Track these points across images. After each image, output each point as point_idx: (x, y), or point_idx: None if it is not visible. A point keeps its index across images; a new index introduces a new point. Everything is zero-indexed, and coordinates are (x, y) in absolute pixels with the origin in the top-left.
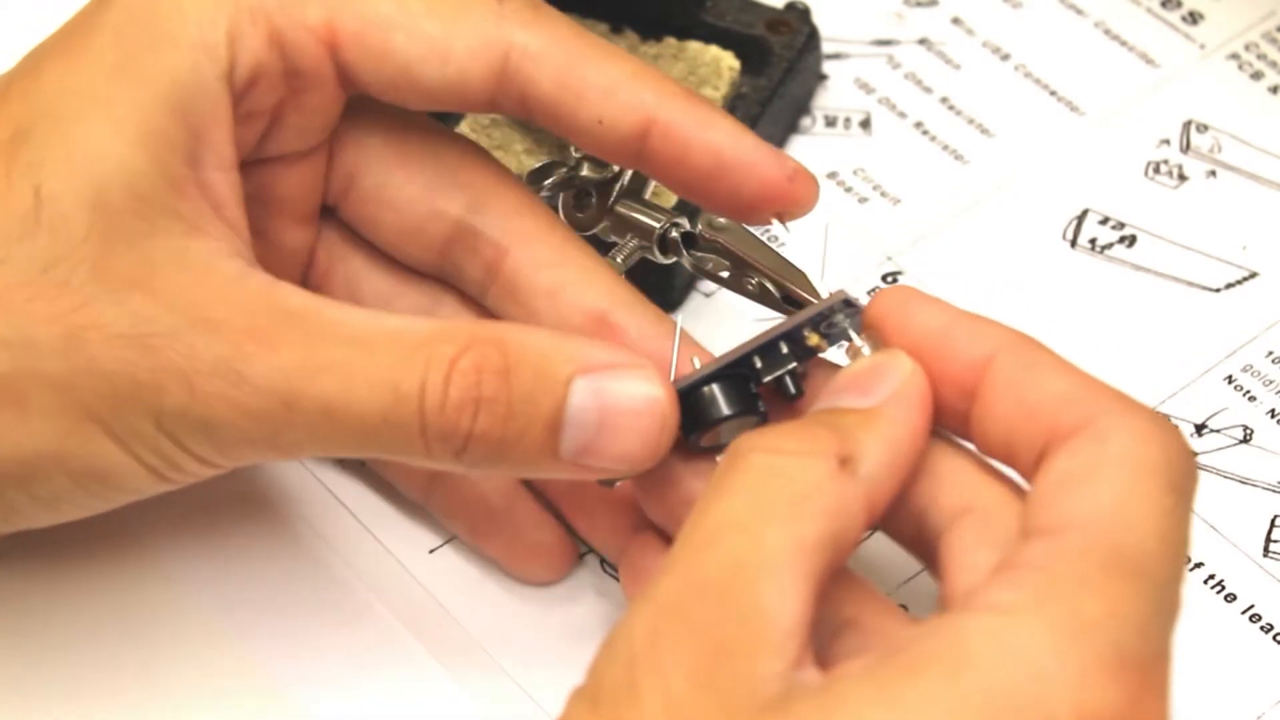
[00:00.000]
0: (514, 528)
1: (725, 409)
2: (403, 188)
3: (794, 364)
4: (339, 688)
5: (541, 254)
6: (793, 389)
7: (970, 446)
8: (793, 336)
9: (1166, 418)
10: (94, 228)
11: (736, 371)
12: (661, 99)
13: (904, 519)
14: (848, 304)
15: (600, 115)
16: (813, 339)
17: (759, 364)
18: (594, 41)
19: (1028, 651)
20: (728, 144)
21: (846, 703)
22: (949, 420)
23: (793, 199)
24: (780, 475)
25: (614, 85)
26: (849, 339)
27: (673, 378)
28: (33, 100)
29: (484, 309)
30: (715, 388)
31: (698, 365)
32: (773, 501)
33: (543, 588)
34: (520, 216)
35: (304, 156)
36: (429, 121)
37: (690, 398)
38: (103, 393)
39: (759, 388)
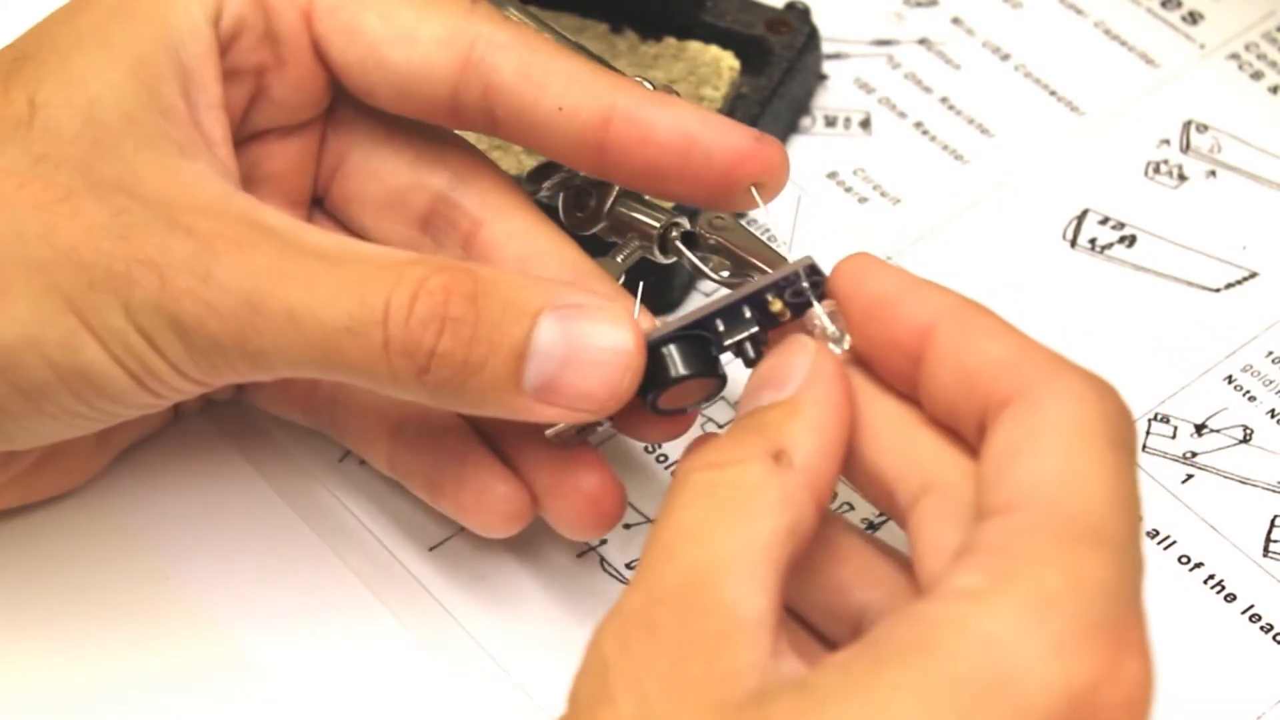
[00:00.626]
0: (468, 480)
1: (683, 369)
2: (388, 159)
3: (755, 329)
4: (338, 686)
5: (514, 226)
6: (752, 353)
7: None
8: (756, 302)
9: (1100, 377)
10: (84, 134)
11: (698, 333)
12: (620, 88)
13: (879, 499)
14: (813, 270)
15: (561, 102)
16: (776, 305)
17: (721, 327)
18: (556, 42)
19: (994, 633)
20: (692, 118)
21: (818, 696)
22: (903, 387)
23: (765, 160)
24: (720, 486)
25: (575, 74)
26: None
27: None
28: (36, 35)
29: None
30: (674, 348)
31: (659, 325)
32: (719, 510)
33: (542, 587)
34: (496, 193)
35: (295, 134)
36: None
37: (650, 357)
38: (79, 281)
39: (720, 351)
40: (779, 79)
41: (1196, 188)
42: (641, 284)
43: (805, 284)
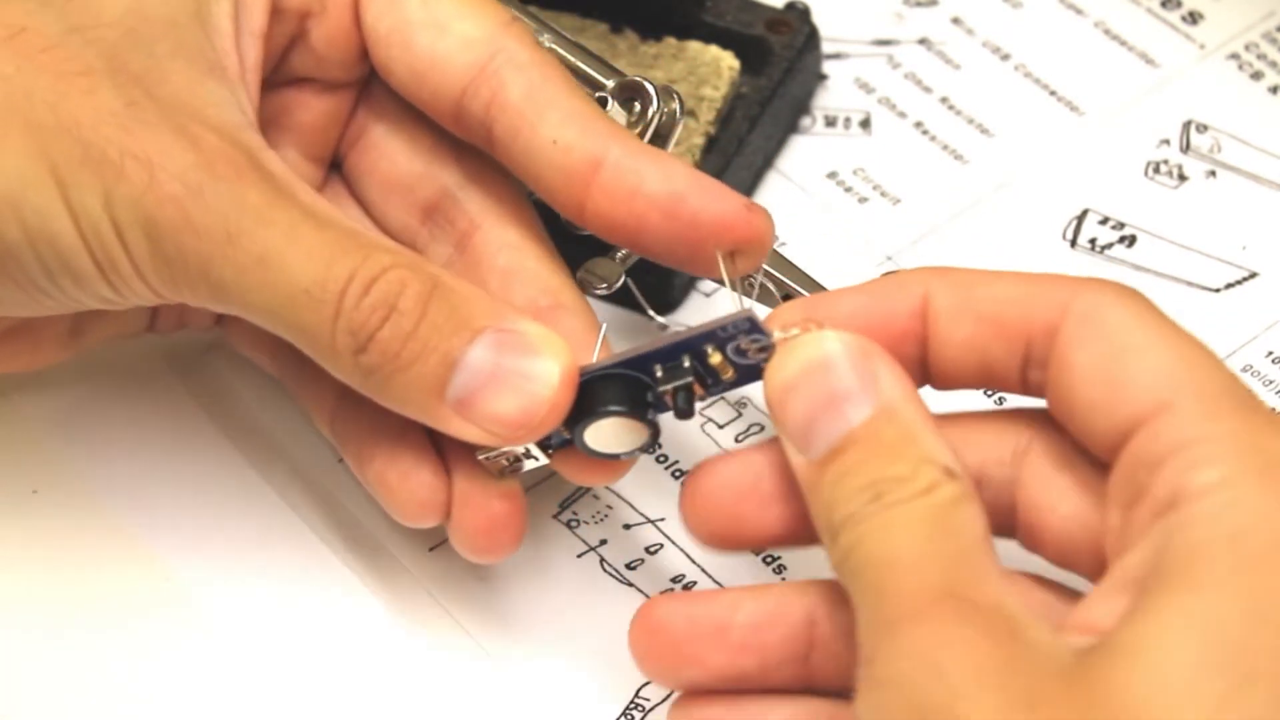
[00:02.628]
0: (399, 457)
1: (611, 403)
2: (406, 145)
3: (690, 379)
4: (338, 686)
5: (509, 238)
6: (683, 404)
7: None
8: (695, 351)
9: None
10: (123, 21)
11: (638, 376)
12: (617, 137)
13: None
14: (752, 324)
15: (556, 135)
16: (715, 358)
17: (659, 373)
18: (573, 81)
19: (1268, 509)
20: (684, 179)
21: (1149, 639)
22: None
23: (752, 230)
24: (932, 510)
25: (577, 112)
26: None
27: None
28: None
29: None
30: (606, 383)
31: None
32: (943, 533)
33: (542, 587)
34: (500, 201)
35: (329, 93)
36: None
37: (584, 391)
38: (72, 154)
39: (656, 396)
40: (779, 79)
41: (1196, 188)
42: (604, 326)
43: (752, 348)
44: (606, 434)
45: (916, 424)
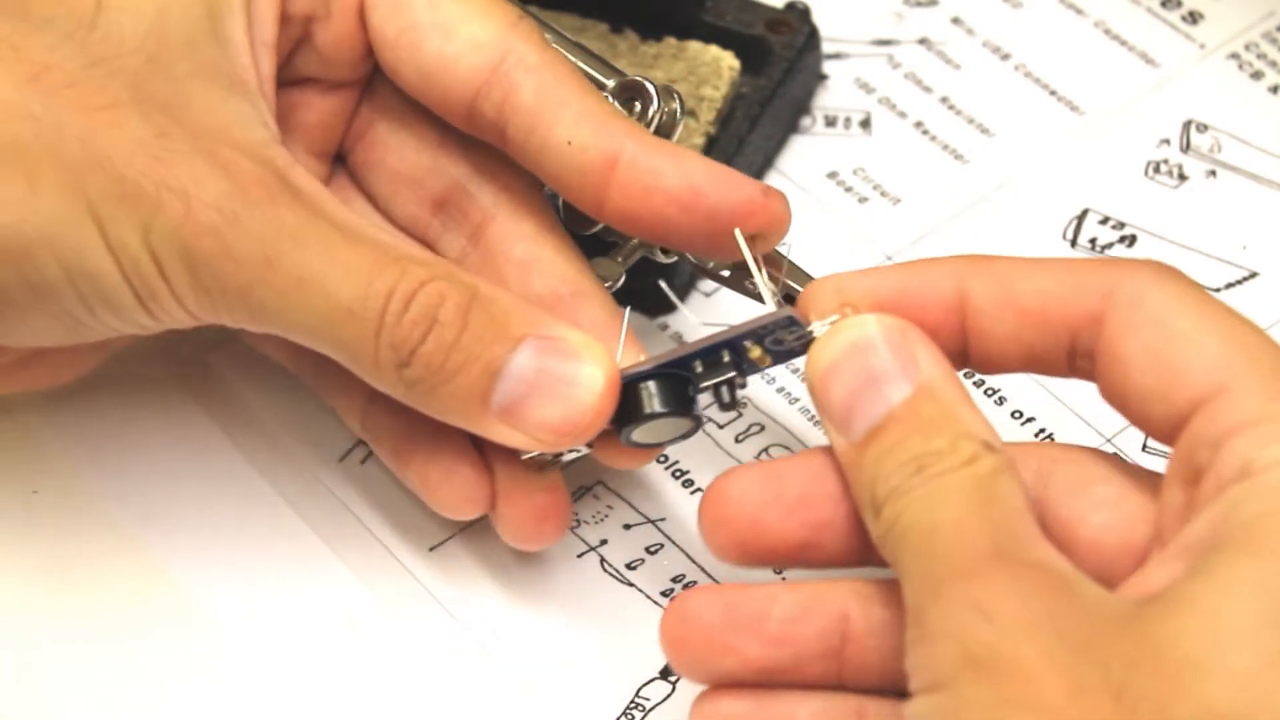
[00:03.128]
0: (438, 456)
1: (659, 406)
2: (412, 139)
3: (733, 374)
4: (338, 685)
5: (523, 229)
6: (727, 398)
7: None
8: (735, 346)
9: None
10: (143, 47)
11: (677, 372)
12: (632, 134)
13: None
14: (792, 321)
15: (571, 135)
16: (754, 352)
17: (700, 369)
18: (585, 80)
19: None
20: (701, 171)
21: (1209, 594)
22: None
23: (771, 215)
24: (979, 480)
25: (591, 111)
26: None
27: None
28: None
29: None
30: (653, 384)
31: (642, 361)
32: (986, 502)
33: (542, 587)
34: (512, 191)
35: (333, 91)
36: None
37: (627, 391)
38: (107, 190)
39: (697, 392)
40: (779, 79)
41: (1196, 188)
42: (627, 310)
43: (791, 338)
44: (653, 430)
45: (956, 401)
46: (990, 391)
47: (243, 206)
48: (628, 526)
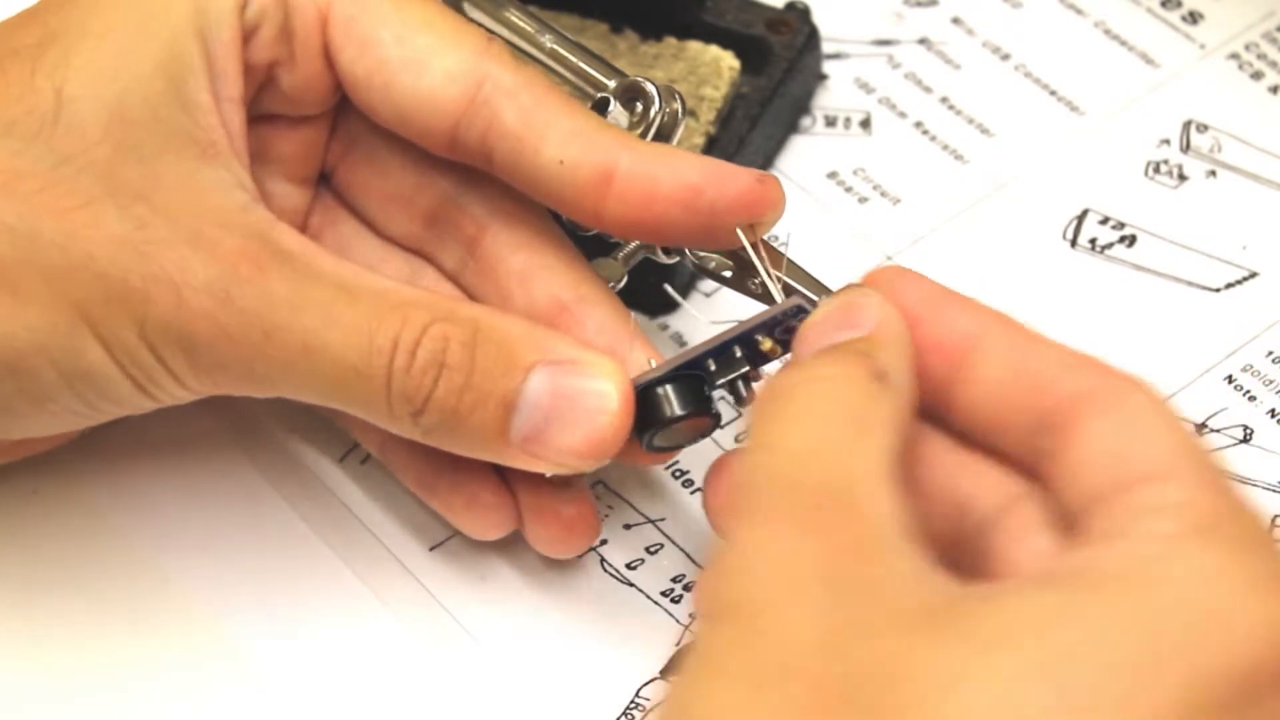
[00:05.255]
0: (461, 484)
1: (678, 409)
2: (396, 155)
3: (746, 368)
4: (337, 684)
5: (520, 236)
6: (744, 391)
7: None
8: (746, 341)
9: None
10: (109, 134)
11: (691, 373)
12: (622, 144)
13: (945, 517)
14: (801, 310)
15: (563, 155)
16: (766, 344)
17: (713, 367)
18: (564, 94)
19: (1214, 569)
20: (694, 170)
21: (1024, 615)
22: (929, 394)
23: (767, 199)
24: (837, 400)
25: (578, 129)
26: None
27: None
28: (66, 12)
29: (461, 287)
30: (669, 388)
31: (653, 365)
32: (842, 424)
33: (542, 587)
34: (504, 199)
35: (307, 121)
36: None
37: (644, 398)
38: (94, 292)
39: (712, 390)
40: (779, 79)
41: (1196, 188)
42: (634, 317)
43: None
44: (671, 432)
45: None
46: None
47: (234, 285)
48: (628, 526)
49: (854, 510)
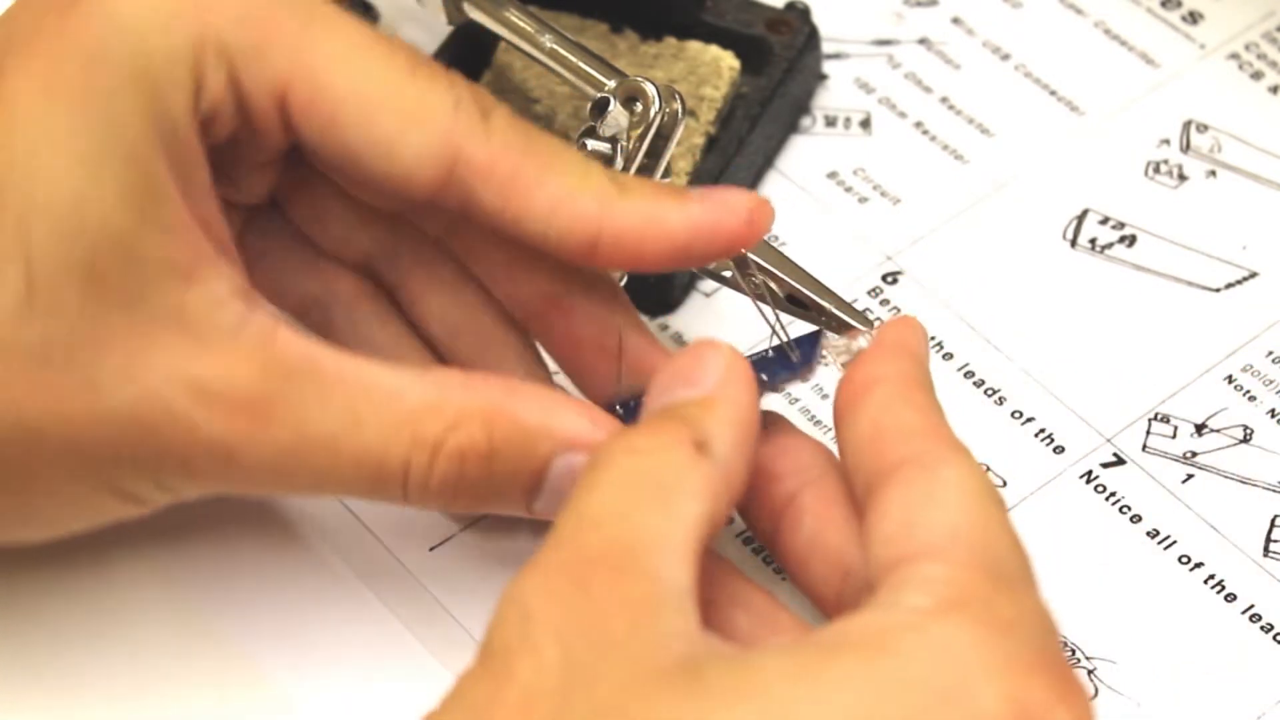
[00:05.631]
0: None
1: None
2: (334, 203)
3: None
4: (336, 684)
5: (439, 304)
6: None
7: None
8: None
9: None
10: (89, 298)
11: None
12: (606, 211)
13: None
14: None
15: (546, 230)
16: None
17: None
18: (540, 150)
19: (955, 644)
20: (680, 223)
21: (763, 673)
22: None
23: (755, 236)
24: (646, 470)
25: (558, 202)
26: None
27: (618, 378)
28: (6, 149)
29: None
30: None
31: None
32: (646, 491)
33: None
34: (422, 266)
35: (259, 166)
36: None
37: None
38: (106, 467)
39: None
40: (779, 79)
41: (1196, 188)
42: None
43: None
44: None
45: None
46: (990, 391)
47: (239, 446)
48: None
49: (633, 571)
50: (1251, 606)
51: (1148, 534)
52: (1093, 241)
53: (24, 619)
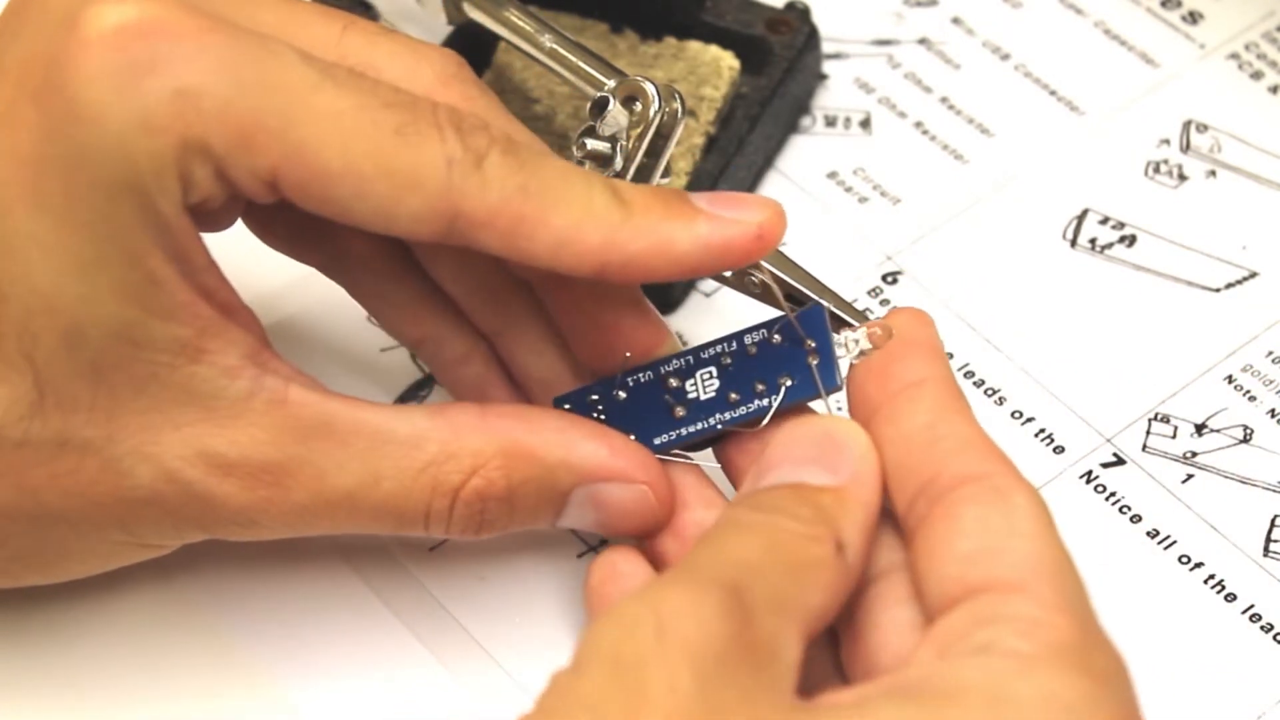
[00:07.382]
0: None
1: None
2: None
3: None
4: (336, 685)
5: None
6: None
7: None
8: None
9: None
10: (100, 392)
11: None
12: (611, 236)
13: None
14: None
15: (553, 264)
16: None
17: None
18: (540, 188)
19: (1064, 694)
20: (690, 245)
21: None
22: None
23: (764, 250)
24: (791, 548)
25: (562, 238)
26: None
27: (624, 356)
28: (5, 261)
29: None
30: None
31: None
32: (787, 569)
33: (542, 587)
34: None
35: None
36: None
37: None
38: (131, 537)
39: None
40: (779, 79)
41: (1196, 188)
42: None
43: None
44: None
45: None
46: (990, 391)
47: (258, 514)
48: None
49: (761, 625)
50: (1251, 606)
51: (1148, 534)
52: (1093, 241)
53: (24, 619)
